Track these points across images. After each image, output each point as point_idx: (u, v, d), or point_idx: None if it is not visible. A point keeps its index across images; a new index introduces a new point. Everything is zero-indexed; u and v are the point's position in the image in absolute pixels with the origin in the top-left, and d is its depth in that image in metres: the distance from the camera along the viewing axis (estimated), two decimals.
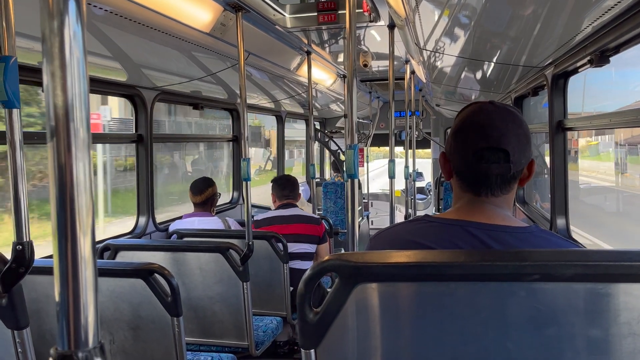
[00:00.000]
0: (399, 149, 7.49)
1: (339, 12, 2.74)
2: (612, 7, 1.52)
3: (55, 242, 0.42)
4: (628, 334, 0.83)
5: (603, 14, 1.59)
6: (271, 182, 3.77)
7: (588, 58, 1.95)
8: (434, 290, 0.90)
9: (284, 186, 3.67)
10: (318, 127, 7.86)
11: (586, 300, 0.85)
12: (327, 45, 3.72)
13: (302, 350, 0.96)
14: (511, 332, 0.88)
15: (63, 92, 0.40)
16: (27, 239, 1.34)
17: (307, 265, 3.60)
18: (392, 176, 3.03)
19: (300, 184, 7.26)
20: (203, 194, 3.41)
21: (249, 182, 2.67)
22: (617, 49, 1.81)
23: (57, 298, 0.42)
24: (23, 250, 1.33)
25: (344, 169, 1.75)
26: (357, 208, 6.28)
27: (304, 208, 4.34)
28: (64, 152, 0.41)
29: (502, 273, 0.86)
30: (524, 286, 0.86)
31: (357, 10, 2.65)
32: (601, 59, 1.85)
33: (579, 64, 2.19)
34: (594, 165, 4.48)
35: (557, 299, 0.86)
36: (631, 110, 1.80)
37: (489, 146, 1.08)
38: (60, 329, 0.42)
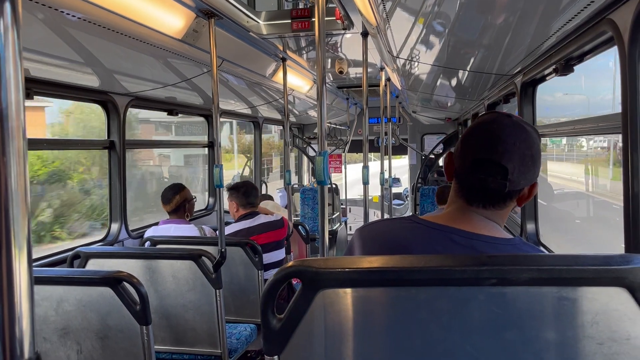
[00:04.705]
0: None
1: (313, 19, 2.75)
2: (575, 17, 1.56)
3: None
4: (583, 337, 0.85)
5: (566, 23, 1.63)
6: (228, 190, 3.54)
7: (553, 67, 2.00)
8: (396, 295, 0.91)
9: (249, 194, 3.47)
10: (296, 132, 7.86)
11: (542, 304, 0.86)
12: (303, 52, 3.73)
13: (266, 356, 0.96)
14: (472, 336, 0.89)
15: None
16: None
17: None
18: (366, 182, 3.04)
19: (277, 190, 7.27)
20: (171, 202, 3.36)
21: (222, 188, 2.66)
22: (580, 58, 1.86)
23: None
24: None
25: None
26: (335, 214, 6.27)
27: (281, 213, 4.32)
28: None
29: (461, 278, 0.87)
30: (482, 290, 0.87)
31: (330, 18, 2.67)
32: (565, 67, 1.89)
33: (545, 72, 2.24)
34: None
35: (515, 303, 0.87)
36: (593, 118, 1.85)
37: (489, 159, 1.06)
38: None
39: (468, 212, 1.11)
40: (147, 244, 3.08)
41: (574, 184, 5.92)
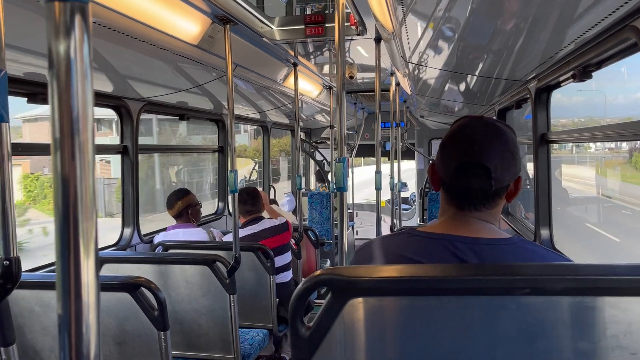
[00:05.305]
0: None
1: (326, 25, 2.75)
2: (596, 25, 1.56)
3: (59, 259, 0.42)
4: (615, 347, 0.84)
5: (586, 31, 1.63)
6: None
7: (571, 73, 2.00)
8: (426, 305, 0.91)
9: (245, 201, 3.51)
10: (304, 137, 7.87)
11: (575, 314, 0.86)
12: (312, 57, 3.74)
13: None
14: (502, 346, 0.88)
15: (68, 109, 0.40)
16: (15, 255, 1.31)
17: (288, 276, 3.59)
18: (378, 187, 3.03)
19: (285, 195, 7.27)
20: (174, 207, 3.41)
21: (236, 193, 2.66)
22: (599, 65, 1.86)
23: (59, 310, 0.42)
24: (10, 266, 1.30)
25: (333, 181, 1.75)
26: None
27: (286, 217, 4.32)
28: (68, 167, 0.40)
29: (494, 287, 0.87)
30: (514, 300, 0.87)
31: (345, 24, 2.68)
32: (584, 74, 1.89)
33: (561, 78, 2.23)
34: None
35: (547, 313, 0.87)
36: (612, 125, 1.84)
37: (470, 161, 1.09)
38: (62, 343, 0.42)
39: (462, 217, 1.13)
40: (159, 248, 3.09)
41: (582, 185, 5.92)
